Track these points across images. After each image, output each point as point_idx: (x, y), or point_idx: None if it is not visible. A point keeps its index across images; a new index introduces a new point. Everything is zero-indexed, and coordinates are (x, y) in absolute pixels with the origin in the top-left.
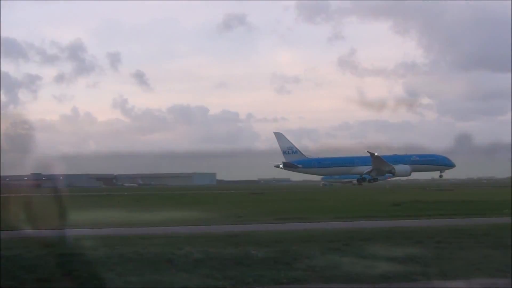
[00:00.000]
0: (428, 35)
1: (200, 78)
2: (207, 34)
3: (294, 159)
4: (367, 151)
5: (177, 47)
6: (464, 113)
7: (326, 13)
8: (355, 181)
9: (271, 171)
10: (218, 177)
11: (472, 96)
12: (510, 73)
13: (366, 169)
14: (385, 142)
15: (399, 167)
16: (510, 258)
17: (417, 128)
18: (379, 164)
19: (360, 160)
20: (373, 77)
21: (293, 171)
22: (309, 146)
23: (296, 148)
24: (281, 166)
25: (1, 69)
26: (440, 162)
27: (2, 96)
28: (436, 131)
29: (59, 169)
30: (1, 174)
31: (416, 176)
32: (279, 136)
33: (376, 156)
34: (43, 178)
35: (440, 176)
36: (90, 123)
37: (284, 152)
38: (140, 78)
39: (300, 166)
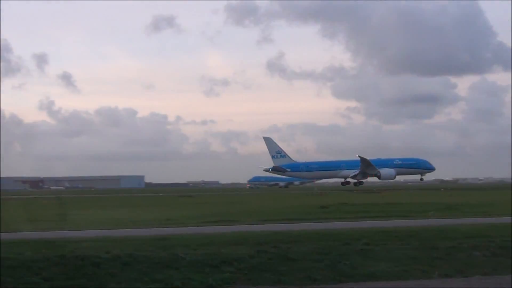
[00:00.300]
0: (356, 39)
1: (128, 80)
2: (135, 35)
3: (283, 163)
4: (358, 155)
5: (105, 48)
6: (390, 116)
7: (255, 16)
8: (282, 184)
9: (200, 173)
10: (147, 180)
11: (398, 100)
12: (436, 78)
13: (352, 172)
14: (313, 145)
15: (384, 171)
16: (435, 259)
17: (345, 131)
18: (367, 168)
19: (346, 164)
20: (302, 80)
21: (282, 174)
22: (237, 148)
23: (284, 153)
24: (270, 170)
25: None
26: (421, 166)
27: None
28: (364, 134)
29: None
30: None
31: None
32: (268, 140)
33: (366, 160)
34: None
35: (421, 179)
36: (15, 125)
37: (273, 157)
38: (67, 79)
39: (288, 170)
